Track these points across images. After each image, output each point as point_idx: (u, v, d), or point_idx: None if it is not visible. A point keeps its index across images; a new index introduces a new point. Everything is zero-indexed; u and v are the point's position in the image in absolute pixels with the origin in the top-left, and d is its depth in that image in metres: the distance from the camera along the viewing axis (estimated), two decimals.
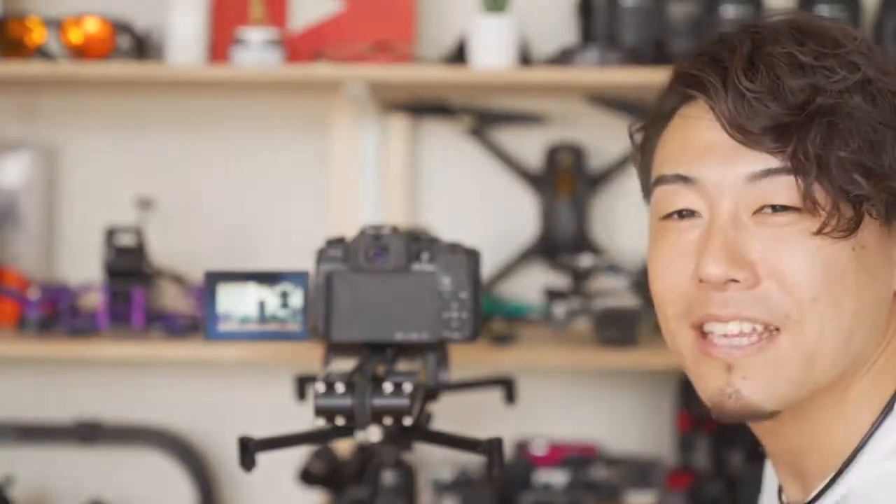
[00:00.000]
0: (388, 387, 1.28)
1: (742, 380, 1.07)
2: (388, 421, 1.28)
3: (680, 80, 1.12)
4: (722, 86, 1.06)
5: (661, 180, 1.12)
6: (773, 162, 1.05)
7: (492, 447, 1.29)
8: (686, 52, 1.14)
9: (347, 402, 1.27)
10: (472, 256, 1.42)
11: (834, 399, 1.09)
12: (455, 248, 1.41)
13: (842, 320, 1.06)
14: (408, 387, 1.28)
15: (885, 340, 1.10)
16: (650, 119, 1.16)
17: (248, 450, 1.30)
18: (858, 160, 1.04)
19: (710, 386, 1.09)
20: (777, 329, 1.06)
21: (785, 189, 1.05)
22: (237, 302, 1.36)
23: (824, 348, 1.06)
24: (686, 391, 2.28)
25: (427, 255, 1.40)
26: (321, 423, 1.29)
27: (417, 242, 1.41)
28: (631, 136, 1.19)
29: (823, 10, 2.14)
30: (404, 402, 1.27)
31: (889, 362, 1.10)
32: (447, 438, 1.36)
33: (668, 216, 1.11)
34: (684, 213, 1.10)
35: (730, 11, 2.14)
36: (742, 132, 1.05)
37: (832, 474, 1.08)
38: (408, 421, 1.28)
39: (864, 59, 1.07)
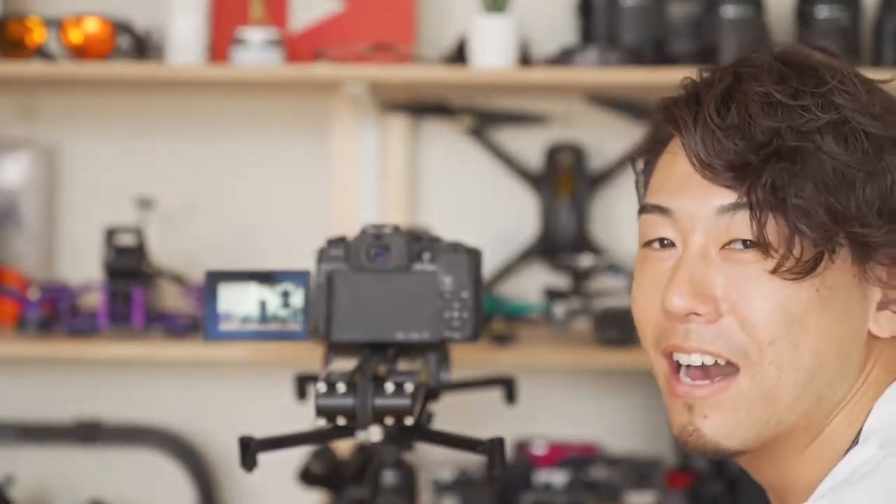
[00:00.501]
0: (389, 387, 1.28)
1: (703, 419, 1.08)
2: (389, 421, 1.28)
3: (660, 114, 1.13)
4: (693, 122, 1.07)
5: (644, 209, 1.13)
6: (742, 197, 1.06)
7: (493, 447, 1.29)
8: (676, 86, 1.14)
9: (349, 402, 1.27)
10: (474, 256, 1.42)
11: (807, 437, 1.09)
12: (457, 247, 1.41)
13: (801, 362, 1.06)
14: (409, 387, 1.28)
15: (859, 380, 1.09)
16: (646, 145, 1.17)
17: (250, 450, 1.30)
18: (818, 202, 1.03)
19: (675, 422, 1.12)
20: (737, 368, 1.07)
21: (749, 225, 1.05)
22: (238, 302, 1.36)
23: (783, 389, 1.06)
24: None
25: (428, 254, 1.39)
26: (322, 422, 1.29)
27: (419, 242, 1.41)
28: (632, 163, 1.20)
29: (823, 10, 2.14)
30: (406, 402, 1.27)
31: (862, 401, 1.09)
32: (448, 438, 1.36)
33: (649, 244, 1.12)
34: (665, 241, 1.11)
35: (730, 11, 2.14)
36: (707, 168, 1.06)
37: None
38: (409, 421, 1.28)
39: (848, 97, 1.07)
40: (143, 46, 2.25)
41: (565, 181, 2.32)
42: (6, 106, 2.41)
